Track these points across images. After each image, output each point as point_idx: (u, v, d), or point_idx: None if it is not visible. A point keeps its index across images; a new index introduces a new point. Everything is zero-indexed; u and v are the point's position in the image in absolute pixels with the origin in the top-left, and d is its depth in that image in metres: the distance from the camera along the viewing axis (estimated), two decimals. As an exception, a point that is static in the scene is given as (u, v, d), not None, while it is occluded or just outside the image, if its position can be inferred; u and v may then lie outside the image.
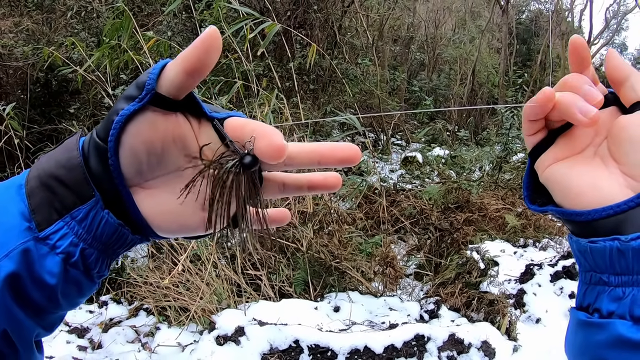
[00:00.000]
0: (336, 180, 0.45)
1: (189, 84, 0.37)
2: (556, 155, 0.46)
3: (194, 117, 0.40)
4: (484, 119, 9.97)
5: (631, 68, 0.43)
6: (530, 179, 0.49)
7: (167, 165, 0.40)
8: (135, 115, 0.37)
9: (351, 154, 0.41)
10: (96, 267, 0.39)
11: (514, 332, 2.95)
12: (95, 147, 0.38)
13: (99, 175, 0.38)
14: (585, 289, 0.42)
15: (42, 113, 5.65)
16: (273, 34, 3.00)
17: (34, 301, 0.37)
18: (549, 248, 4.12)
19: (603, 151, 0.44)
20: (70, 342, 2.89)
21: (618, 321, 0.38)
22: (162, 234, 0.42)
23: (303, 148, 0.42)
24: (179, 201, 0.40)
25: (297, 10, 6.01)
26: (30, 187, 0.38)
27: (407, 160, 6.77)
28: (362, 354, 2.55)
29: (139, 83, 0.37)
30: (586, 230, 0.42)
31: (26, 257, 0.36)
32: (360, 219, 4.13)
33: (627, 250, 0.38)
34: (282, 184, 0.45)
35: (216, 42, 0.36)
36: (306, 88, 6.18)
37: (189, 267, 3.10)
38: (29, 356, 0.40)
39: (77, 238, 0.37)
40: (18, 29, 5.61)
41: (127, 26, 3.26)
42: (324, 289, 3.30)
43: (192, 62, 0.36)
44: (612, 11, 17.60)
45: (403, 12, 10.14)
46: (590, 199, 0.41)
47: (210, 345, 2.55)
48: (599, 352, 0.39)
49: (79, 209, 0.37)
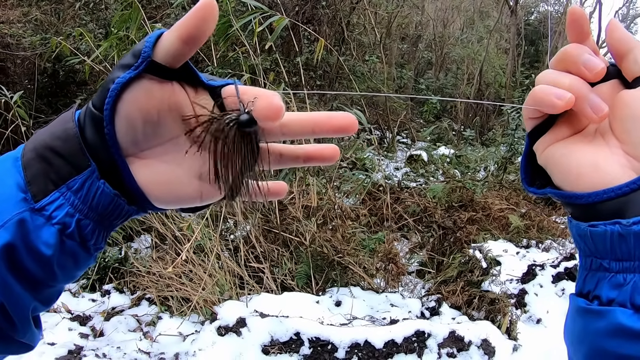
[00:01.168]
0: (333, 152, 0.44)
1: (185, 52, 0.37)
2: (556, 135, 0.44)
3: (190, 86, 0.40)
4: (490, 119, 9.95)
5: (635, 40, 0.41)
6: (528, 160, 0.47)
7: (163, 134, 0.39)
8: (131, 83, 0.37)
9: (347, 122, 0.41)
10: (92, 238, 0.39)
11: (515, 332, 2.95)
12: (91, 116, 0.37)
13: (95, 145, 0.37)
14: (585, 275, 0.41)
15: (49, 103, 5.68)
16: (281, 29, 3.00)
17: (30, 273, 0.36)
18: (552, 249, 4.12)
19: (605, 128, 0.42)
20: (73, 330, 2.91)
21: (618, 309, 0.36)
22: (158, 205, 0.41)
23: (299, 116, 0.42)
24: (175, 171, 0.40)
25: (305, 6, 6.01)
26: (27, 159, 0.37)
27: (412, 159, 6.76)
28: (362, 348, 2.56)
29: (135, 51, 0.37)
30: (586, 214, 0.40)
31: (22, 227, 0.35)
32: (364, 215, 4.14)
33: (629, 235, 0.36)
34: (279, 154, 0.44)
35: (213, 11, 0.36)
36: (313, 84, 6.18)
37: (192, 258, 3.11)
38: (26, 330, 0.39)
39: (73, 208, 0.37)
40: (26, 18, 5.63)
41: (135, 18, 3.27)
42: (326, 284, 3.31)
43: (188, 29, 0.36)
44: (622, 14, 17.51)
45: (411, 10, 10.12)
46: (591, 180, 0.40)
47: (211, 335, 2.56)
48: (598, 340, 0.38)
49: (75, 179, 0.37)
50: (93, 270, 3.41)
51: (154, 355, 2.72)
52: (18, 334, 0.38)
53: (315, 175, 3.64)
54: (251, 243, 3.40)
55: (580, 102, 0.41)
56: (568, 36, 0.43)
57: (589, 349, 0.39)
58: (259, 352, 2.53)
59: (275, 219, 3.47)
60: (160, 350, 2.75)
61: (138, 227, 3.82)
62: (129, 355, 2.71)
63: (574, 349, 0.42)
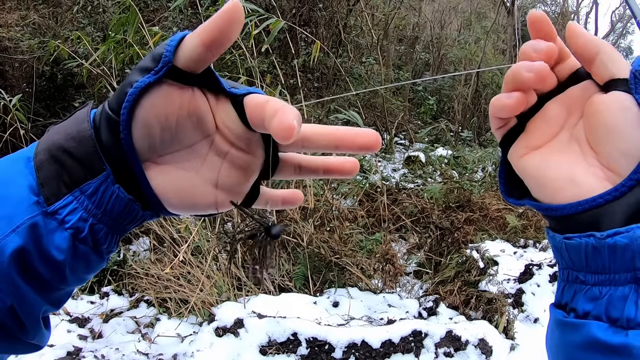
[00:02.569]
0: (353, 166, 0.43)
1: (207, 58, 0.36)
2: (528, 143, 0.42)
3: (211, 92, 0.39)
4: (487, 120, 9.89)
5: (599, 41, 0.39)
6: (506, 169, 0.45)
7: (181, 141, 0.38)
8: (150, 89, 0.36)
9: (372, 140, 0.40)
10: (105, 242, 0.38)
11: (512, 331, 2.96)
12: (107, 119, 0.36)
13: (110, 148, 0.36)
14: (564, 286, 0.40)
15: (47, 106, 5.69)
16: (278, 31, 3.02)
17: (42, 277, 0.36)
18: (549, 249, 4.13)
19: (579, 133, 0.40)
20: (71, 332, 2.92)
21: (593, 322, 0.36)
22: (173, 211, 0.41)
23: (322, 130, 0.41)
24: (192, 178, 0.39)
25: (302, 8, 6.03)
26: (39, 160, 0.36)
27: (410, 160, 6.77)
28: (360, 348, 2.57)
29: (155, 55, 0.36)
30: (563, 226, 0.39)
31: (34, 232, 0.35)
32: (361, 216, 4.15)
33: (603, 248, 0.35)
34: (297, 166, 0.44)
35: (238, 15, 0.35)
36: (310, 86, 6.20)
37: (190, 260, 3.13)
38: (36, 332, 0.38)
39: (86, 213, 0.36)
40: (24, 22, 5.64)
41: (133, 21, 3.29)
42: (324, 285, 3.32)
43: (212, 34, 0.35)
44: (618, 15, 17.57)
45: (408, 12, 10.14)
46: (569, 194, 0.38)
47: (209, 336, 2.57)
48: (573, 353, 0.38)
49: (89, 183, 0.36)
50: (92, 272, 3.42)
51: (153, 356, 2.73)
52: (28, 336, 0.38)
53: (313, 177, 3.64)
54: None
55: (519, 80, 0.39)
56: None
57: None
58: (256, 353, 2.54)
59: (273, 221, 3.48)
60: (159, 352, 2.76)
61: (136, 230, 3.83)
62: (127, 356, 2.72)
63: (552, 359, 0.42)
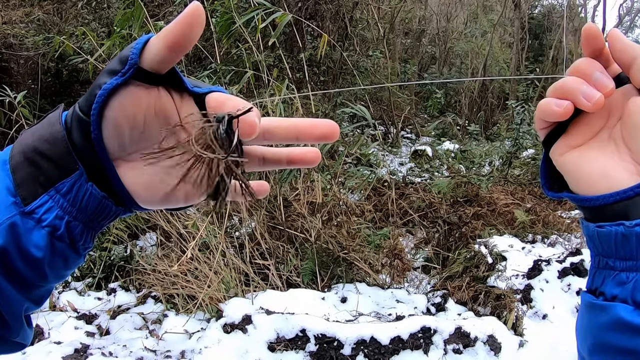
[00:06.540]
0: (315, 156, 0.46)
1: (171, 59, 0.38)
2: (569, 142, 0.46)
3: (176, 91, 0.40)
4: (494, 114, 9.91)
5: (637, 47, 0.42)
6: (547, 165, 0.49)
7: (149, 138, 0.40)
8: (118, 90, 0.37)
9: (329, 130, 0.42)
10: (81, 239, 0.40)
11: (521, 328, 2.94)
12: (78, 120, 0.38)
13: (82, 148, 0.38)
14: (594, 272, 0.43)
15: (53, 103, 5.69)
16: (284, 25, 2.99)
17: (22, 275, 0.37)
18: (558, 244, 4.10)
19: (617, 134, 0.44)
20: (79, 328, 2.92)
21: (620, 305, 0.39)
22: (144, 206, 0.42)
23: (282, 123, 0.43)
24: (161, 173, 0.41)
25: (308, 1, 5.99)
26: (15, 162, 0.38)
27: (417, 154, 6.74)
28: (369, 345, 2.55)
29: (121, 57, 0.37)
30: (596, 216, 0.43)
31: (13, 231, 0.36)
32: (369, 211, 4.13)
33: (631, 235, 0.39)
34: (261, 158, 0.46)
35: (199, 18, 0.36)
36: (317, 79, 6.17)
37: (198, 256, 3.11)
38: (19, 330, 0.40)
39: (62, 211, 0.38)
40: (29, 18, 5.64)
41: (138, 16, 3.26)
42: (332, 280, 3.31)
43: (175, 37, 0.36)
44: (626, 8, 17.36)
45: (415, 5, 10.06)
46: (602, 187, 0.42)
47: (217, 333, 2.56)
48: (600, 334, 0.41)
49: (63, 182, 0.38)
50: (99, 268, 3.42)
51: (160, 353, 2.73)
52: (12, 334, 0.39)
53: (320, 172, 3.63)
54: (256, 240, 3.40)
55: (574, 96, 0.43)
56: (583, 53, 0.45)
57: (592, 342, 0.42)
58: (264, 349, 2.53)
59: (280, 216, 3.46)
60: (167, 348, 2.75)
61: (143, 225, 3.82)
62: (135, 353, 2.72)
63: (580, 342, 0.44)
